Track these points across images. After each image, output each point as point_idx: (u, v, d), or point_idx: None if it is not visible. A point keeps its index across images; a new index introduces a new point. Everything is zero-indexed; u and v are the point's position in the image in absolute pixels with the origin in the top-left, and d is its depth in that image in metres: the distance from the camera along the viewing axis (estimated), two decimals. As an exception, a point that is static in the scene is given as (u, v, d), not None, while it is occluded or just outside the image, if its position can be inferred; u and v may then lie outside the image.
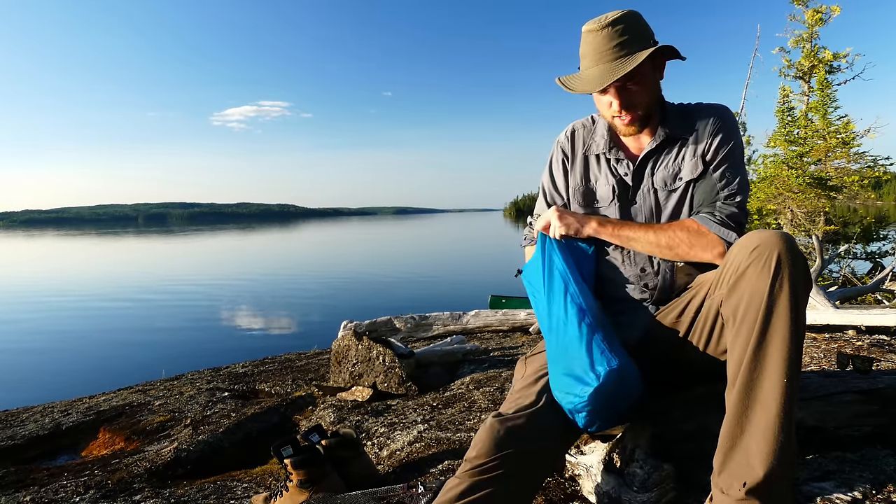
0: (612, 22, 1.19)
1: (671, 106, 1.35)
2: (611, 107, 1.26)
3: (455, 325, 4.53)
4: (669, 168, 1.30)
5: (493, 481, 1.01)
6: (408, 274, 20.50)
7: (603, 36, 1.20)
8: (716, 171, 1.26)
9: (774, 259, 0.97)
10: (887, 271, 5.99)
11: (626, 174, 1.34)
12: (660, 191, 1.31)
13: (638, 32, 1.21)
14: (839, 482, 1.18)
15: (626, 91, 1.22)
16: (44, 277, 22.32)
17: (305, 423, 2.44)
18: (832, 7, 10.69)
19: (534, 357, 1.32)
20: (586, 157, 1.42)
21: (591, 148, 1.40)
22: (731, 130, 1.29)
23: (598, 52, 1.21)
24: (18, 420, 2.88)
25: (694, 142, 1.29)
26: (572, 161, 1.44)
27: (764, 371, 0.96)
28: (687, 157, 1.29)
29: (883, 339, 3.06)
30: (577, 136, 1.44)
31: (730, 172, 1.26)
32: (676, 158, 1.30)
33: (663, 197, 1.31)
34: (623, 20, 1.20)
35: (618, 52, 1.19)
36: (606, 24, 1.19)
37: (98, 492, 1.82)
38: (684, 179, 1.28)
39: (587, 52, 1.23)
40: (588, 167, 1.41)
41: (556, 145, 1.47)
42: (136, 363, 8.55)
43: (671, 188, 1.30)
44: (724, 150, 1.26)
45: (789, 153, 10.07)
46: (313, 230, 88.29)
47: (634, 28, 1.21)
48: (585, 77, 1.24)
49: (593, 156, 1.40)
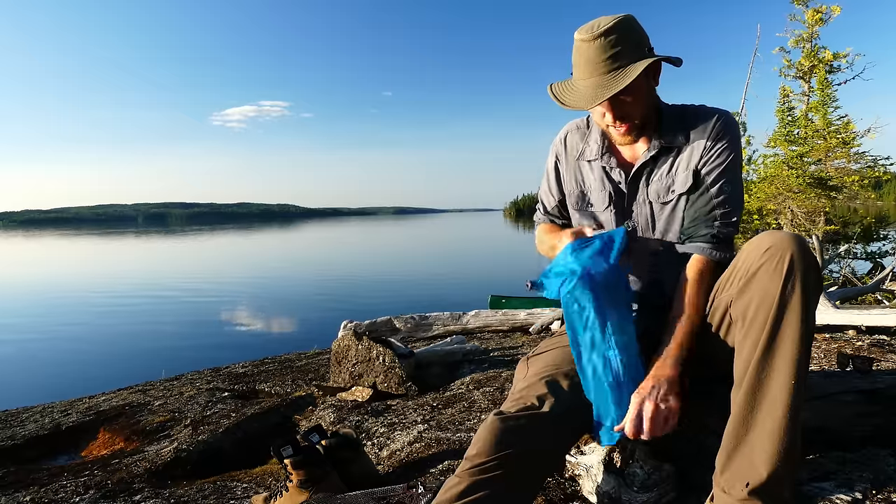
0: (605, 32, 1.13)
1: (669, 109, 1.30)
2: (604, 117, 1.24)
3: (455, 325, 4.53)
4: (664, 180, 1.28)
5: (493, 481, 1.00)
6: (408, 274, 20.49)
7: (596, 47, 1.14)
8: (713, 185, 1.23)
9: (787, 261, 0.96)
10: (887, 271, 5.99)
11: (620, 182, 1.33)
12: (654, 203, 1.30)
13: (632, 42, 1.16)
14: (840, 482, 1.18)
15: (620, 103, 1.20)
16: (43, 277, 22.32)
17: (305, 423, 2.44)
18: (832, 7, 10.69)
19: (536, 357, 1.32)
20: (579, 161, 1.41)
21: (585, 153, 1.39)
22: (729, 141, 1.23)
23: (590, 64, 1.16)
24: (18, 420, 2.88)
25: (689, 154, 1.25)
26: (566, 164, 1.44)
27: (772, 372, 0.96)
28: (680, 168, 1.26)
29: (883, 339, 3.06)
30: (570, 140, 1.44)
31: (727, 186, 1.23)
32: (671, 170, 1.27)
33: (657, 209, 1.29)
34: (616, 30, 1.14)
35: (610, 64, 1.14)
36: (599, 34, 1.14)
37: (98, 492, 1.82)
38: (676, 192, 1.26)
39: (579, 63, 1.19)
40: (581, 172, 1.40)
41: (552, 147, 1.48)
42: (136, 363, 8.54)
43: (664, 200, 1.28)
44: (720, 164, 1.23)
45: (789, 153, 10.06)
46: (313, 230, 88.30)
47: (628, 38, 1.15)
48: (578, 90, 1.20)
49: (586, 161, 1.39)
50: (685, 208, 1.26)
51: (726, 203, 1.23)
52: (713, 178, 1.23)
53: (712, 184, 1.23)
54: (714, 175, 1.23)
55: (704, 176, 1.24)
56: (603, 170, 1.35)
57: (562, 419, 1.13)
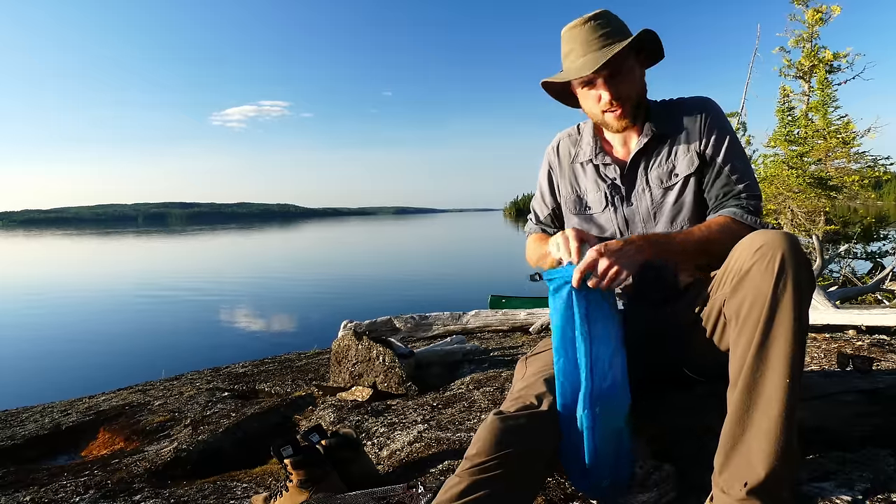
0: (594, 17, 1.25)
1: (654, 104, 1.36)
2: (600, 101, 1.28)
3: (455, 325, 4.53)
4: (663, 166, 1.31)
5: (492, 480, 1.00)
6: (408, 274, 20.49)
7: (587, 29, 1.24)
8: (725, 164, 1.26)
9: (778, 259, 0.96)
10: (887, 271, 6.00)
11: (615, 178, 1.35)
12: (655, 189, 1.31)
13: (618, 26, 1.26)
14: (839, 482, 1.18)
15: (615, 81, 1.25)
16: (43, 277, 22.32)
17: (305, 423, 2.44)
18: (832, 7, 10.70)
19: (535, 357, 1.32)
20: (573, 165, 1.44)
21: (578, 156, 1.42)
22: (724, 122, 1.31)
23: (585, 43, 1.24)
24: (18, 420, 2.88)
25: (685, 138, 1.30)
26: (560, 171, 1.46)
27: (766, 371, 0.96)
28: (680, 153, 1.30)
29: (883, 339, 3.06)
30: (563, 146, 1.48)
31: (739, 163, 1.27)
32: (669, 156, 1.31)
33: (659, 195, 1.31)
34: (603, 16, 1.25)
35: (604, 40, 1.23)
36: (588, 18, 1.25)
37: (98, 492, 1.82)
38: (681, 175, 1.29)
39: (574, 46, 1.26)
40: (576, 176, 1.43)
41: (545, 157, 1.51)
42: (136, 363, 8.54)
43: (667, 185, 1.30)
44: (724, 143, 1.27)
45: (789, 153, 10.07)
46: (313, 230, 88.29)
47: (615, 22, 1.26)
48: (578, 64, 1.25)
49: (579, 164, 1.42)
50: (702, 192, 1.29)
51: (744, 177, 1.26)
52: (723, 158, 1.27)
53: (724, 163, 1.27)
54: (723, 154, 1.27)
55: (713, 157, 1.27)
56: (596, 170, 1.38)
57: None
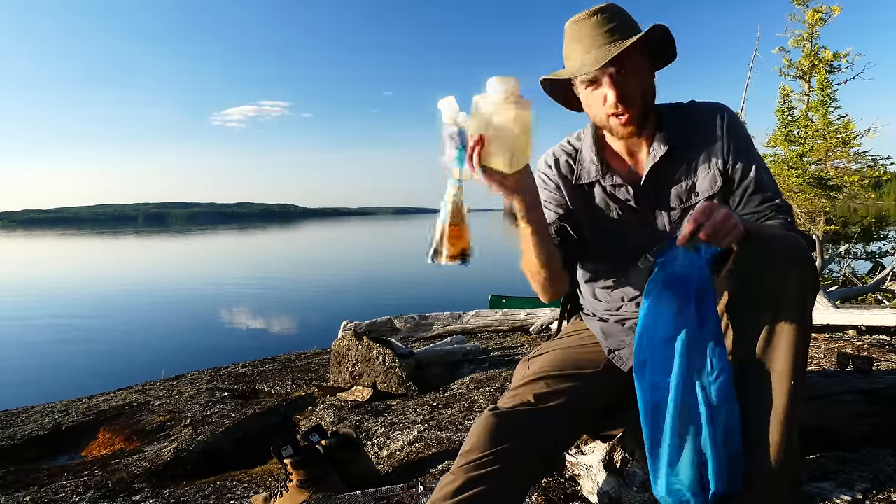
0: (600, 10, 1.14)
1: (665, 108, 1.25)
2: (605, 103, 1.15)
3: (455, 325, 4.53)
4: (682, 183, 1.20)
5: (487, 477, 0.99)
6: (408, 274, 20.47)
7: (593, 22, 1.13)
8: (759, 182, 1.17)
9: (783, 260, 0.96)
10: (887, 271, 6.00)
11: (628, 199, 1.23)
12: (674, 208, 1.21)
13: (627, 21, 1.15)
14: (839, 482, 1.18)
15: (622, 80, 1.13)
16: (44, 277, 22.32)
17: (305, 423, 2.44)
18: (832, 7, 10.70)
19: (536, 358, 1.31)
20: (577, 185, 1.28)
21: (582, 176, 1.27)
22: (744, 132, 1.21)
23: (591, 38, 1.14)
24: (18, 420, 2.88)
25: (705, 152, 1.19)
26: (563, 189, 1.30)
27: (769, 372, 0.96)
28: (700, 169, 1.19)
29: (883, 339, 3.06)
30: (562, 163, 1.30)
31: (767, 177, 1.19)
32: (689, 172, 1.19)
33: (678, 215, 1.21)
34: (610, 9, 1.14)
35: (609, 36, 1.12)
36: (594, 12, 1.14)
37: (98, 492, 1.82)
38: (703, 194, 1.18)
39: (579, 40, 1.15)
40: (581, 197, 1.28)
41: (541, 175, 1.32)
42: (136, 363, 8.55)
43: (687, 204, 1.20)
44: (752, 160, 1.18)
45: (789, 153, 10.08)
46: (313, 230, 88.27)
47: (622, 15, 1.15)
48: (582, 61, 1.15)
49: (585, 184, 1.27)
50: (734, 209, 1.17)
51: (776, 193, 1.18)
52: (755, 176, 1.17)
53: (757, 180, 1.17)
54: (754, 172, 1.17)
55: (742, 176, 1.17)
56: (604, 190, 1.25)
57: (558, 417, 1.13)
